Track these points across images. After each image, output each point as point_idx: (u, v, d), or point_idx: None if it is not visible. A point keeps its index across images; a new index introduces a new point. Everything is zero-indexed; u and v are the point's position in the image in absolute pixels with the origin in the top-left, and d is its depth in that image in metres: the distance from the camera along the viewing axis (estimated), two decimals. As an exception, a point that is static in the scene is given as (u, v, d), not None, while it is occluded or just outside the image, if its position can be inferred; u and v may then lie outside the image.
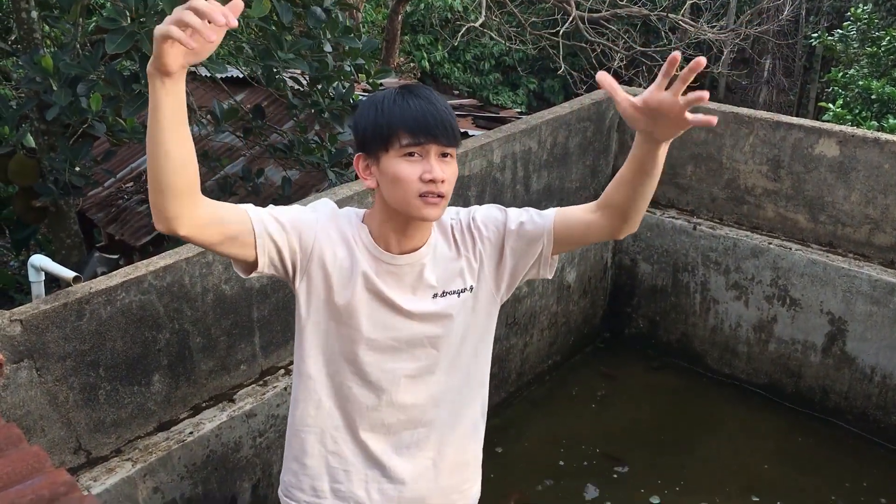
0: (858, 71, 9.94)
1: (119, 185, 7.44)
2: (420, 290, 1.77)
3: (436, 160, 1.61)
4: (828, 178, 3.65)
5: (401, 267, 1.75)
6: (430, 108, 1.61)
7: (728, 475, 3.54)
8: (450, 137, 1.62)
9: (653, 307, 4.26)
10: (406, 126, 1.59)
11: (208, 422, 2.63)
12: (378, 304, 1.75)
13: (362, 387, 1.82)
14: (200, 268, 2.56)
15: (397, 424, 1.85)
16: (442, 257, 1.78)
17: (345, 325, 1.76)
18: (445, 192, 1.63)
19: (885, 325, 3.56)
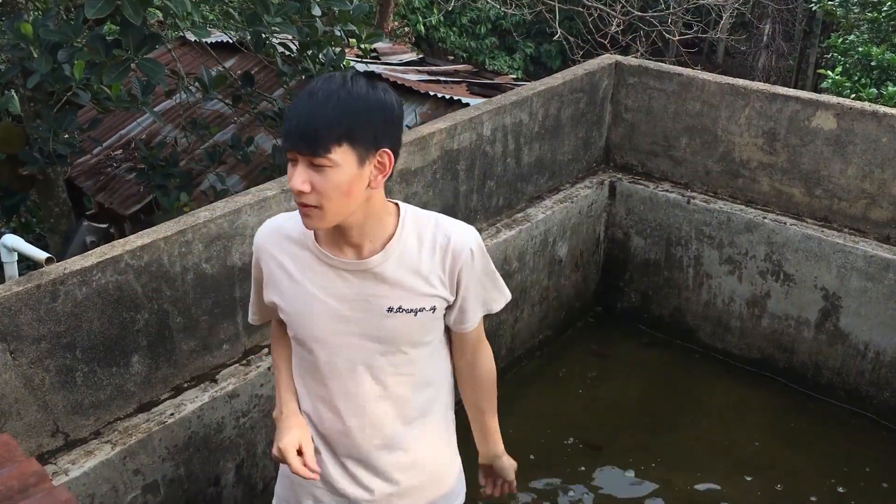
0: (858, 37, 9.80)
1: (107, 153, 7.34)
2: (374, 300, 1.68)
3: (305, 169, 1.49)
4: (824, 152, 3.57)
5: (353, 273, 1.67)
6: (305, 111, 1.47)
7: (718, 452, 3.52)
8: (312, 146, 1.46)
9: (645, 281, 4.21)
10: (285, 130, 1.51)
11: (190, 402, 2.59)
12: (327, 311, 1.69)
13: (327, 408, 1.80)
14: (179, 247, 2.50)
15: (368, 446, 1.81)
16: (407, 268, 1.67)
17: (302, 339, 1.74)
18: (317, 203, 1.51)
19: (879, 302, 3.51)
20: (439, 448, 1.94)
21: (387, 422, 1.79)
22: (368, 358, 1.72)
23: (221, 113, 6.87)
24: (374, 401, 1.77)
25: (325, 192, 1.51)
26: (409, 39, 14.28)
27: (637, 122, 4.06)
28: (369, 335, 1.70)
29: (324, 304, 1.67)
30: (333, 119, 1.46)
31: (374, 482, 1.85)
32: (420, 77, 7.23)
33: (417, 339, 1.73)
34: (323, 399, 1.79)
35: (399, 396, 1.79)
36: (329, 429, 1.81)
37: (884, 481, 3.38)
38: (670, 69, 3.92)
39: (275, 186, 2.76)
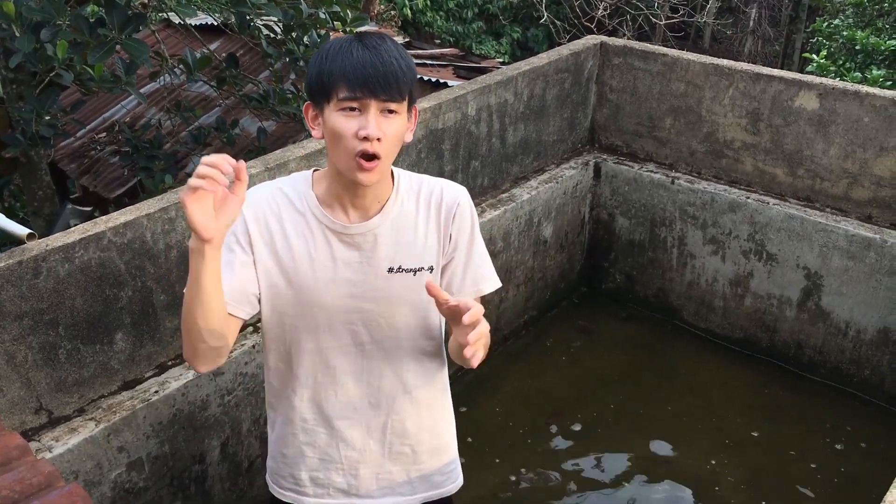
0: (843, 21, 9.83)
1: (91, 136, 7.29)
2: (374, 262, 1.68)
3: (375, 116, 1.51)
4: (807, 132, 3.60)
5: (353, 237, 1.66)
6: (374, 59, 1.49)
7: (702, 427, 3.55)
8: (391, 92, 1.50)
9: (630, 262, 4.23)
10: (345, 77, 1.50)
11: (174, 380, 2.58)
12: (329, 276, 1.67)
13: (322, 373, 1.77)
14: (162, 224, 2.49)
15: (367, 409, 1.81)
16: (405, 228, 1.69)
17: (301, 303, 1.69)
18: (382, 153, 1.53)
19: (860, 280, 3.54)
20: (435, 423, 1.93)
21: (384, 385, 1.80)
22: (370, 320, 1.72)
23: (206, 95, 6.83)
24: (372, 362, 1.77)
25: (393, 139, 1.55)
26: (395, 23, 14.21)
27: (622, 103, 4.06)
28: (371, 297, 1.69)
29: (326, 269, 1.66)
30: (406, 68, 1.53)
31: (369, 443, 1.84)
32: (406, 60, 7.21)
33: (416, 301, 1.73)
34: (318, 364, 1.76)
35: (398, 361, 1.79)
36: (324, 394, 1.79)
37: (865, 456, 3.42)
38: (655, 49, 3.92)
39: (258, 164, 2.75)
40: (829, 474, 3.34)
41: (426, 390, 1.87)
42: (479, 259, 1.79)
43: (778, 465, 3.36)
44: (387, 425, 1.84)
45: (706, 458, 3.39)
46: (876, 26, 9.79)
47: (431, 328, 1.81)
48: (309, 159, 2.85)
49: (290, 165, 2.80)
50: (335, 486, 1.88)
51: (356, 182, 1.56)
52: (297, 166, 2.82)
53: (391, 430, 1.85)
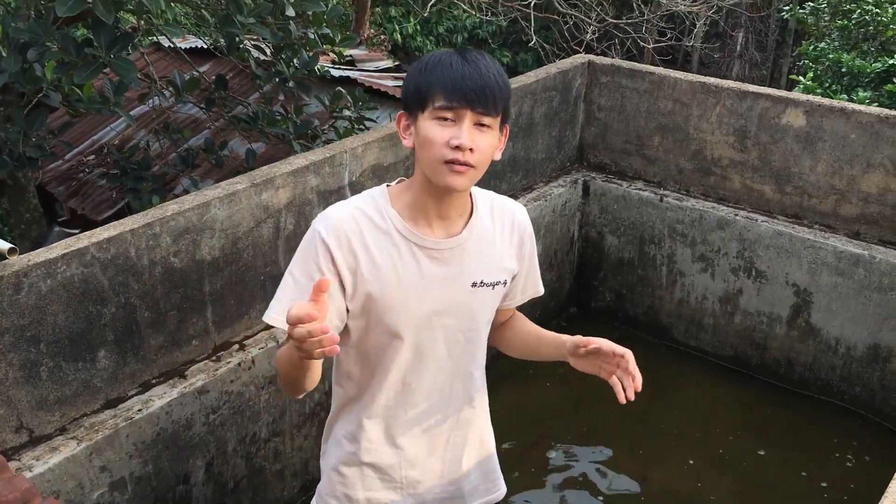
0: (829, 44, 9.93)
1: (80, 159, 7.27)
2: (461, 277, 1.70)
3: (469, 128, 1.54)
4: (794, 149, 3.61)
5: (442, 252, 1.67)
6: (473, 71, 1.53)
7: (693, 445, 3.53)
8: (487, 106, 1.54)
9: (619, 280, 4.22)
10: (444, 87, 1.53)
11: (158, 398, 2.55)
12: (418, 294, 1.67)
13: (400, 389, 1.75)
14: (147, 239, 2.47)
15: (433, 425, 1.81)
16: (485, 243, 1.73)
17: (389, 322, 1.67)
18: (475, 163, 1.56)
19: (849, 297, 3.54)
20: (484, 431, 1.96)
21: (453, 401, 1.81)
22: (450, 336, 1.73)
23: (196, 118, 6.84)
24: (445, 378, 1.77)
25: (485, 152, 1.57)
26: (385, 48, 14.29)
27: (610, 121, 4.07)
28: (454, 312, 1.71)
29: (415, 287, 1.65)
30: (503, 85, 1.57)
31: (430, 461, 1.84)
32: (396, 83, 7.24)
33: (489, 314, 1.79)
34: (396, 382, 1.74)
35: (468, 374, 1.81)
36: (395, 412, 1.77)
37: (857, 473, 3.40)
38: (642, 68, 3.94)
39: (244, 180, 2.74)
40: (821, 491, 3.31)
41: (480, 400, 1.91)
42: (536, 266, 1.90)
43: (769, 483, 3.33)
44: (448, 441, 1.85)
45: (697, 476, 3.36)
46: (861, 49, 9.89)
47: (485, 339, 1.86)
48: (296, 175, 2.84)
49: (277, 181, 2.78)
50: None
51: (447, 187, 1.57)
52: (283, 182, 2.80)
53: (451, 446, 1.86)
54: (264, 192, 2.76)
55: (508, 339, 1.98)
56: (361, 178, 3.10)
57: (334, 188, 3.00)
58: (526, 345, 1.95)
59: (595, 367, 1.74)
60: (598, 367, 1.73)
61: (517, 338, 1.97)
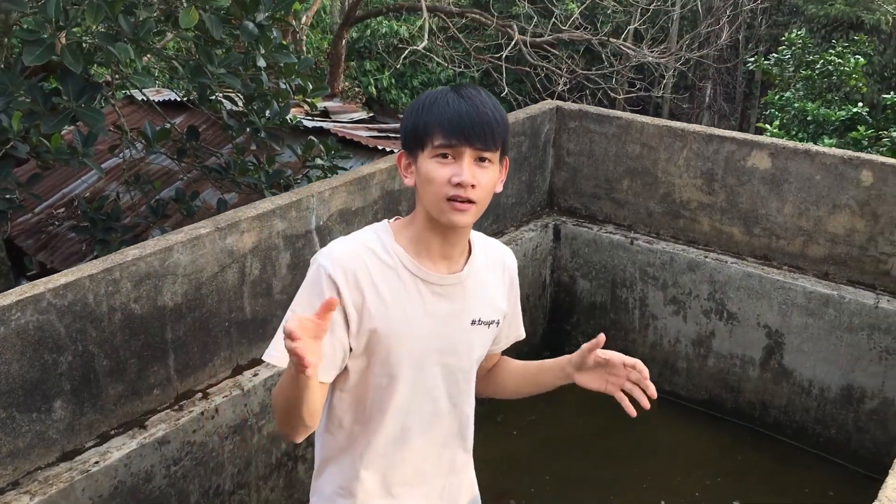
0: (794, 94, 10.15)
1: (49, 212, 7.19)
2: (461, 314, 1.68)
3: (469, 164, 1.54)
4: (761, 191, 3.63)
5: (445, 287, 1.65)
6: (470, 108, 1.54)
7: (668, 493, 3.46)
8: (486, 142, 1.54)
9: (592, 324, 4.19)
10: (441, 126, 1.53)
11: (116, 450, 2.46)
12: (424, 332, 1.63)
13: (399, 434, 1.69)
14: (106, 285, 2.41)
15: (429, 471, 1.75)
16: (482, 281, 1.72)
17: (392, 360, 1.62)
18: (477, 199, 1.55)
19: (820, 337, 3.53)
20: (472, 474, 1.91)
21: (450, 443, 1.77)
22: (449, 375, 1.71)
23: (168, 169, 6.80)
24: (443, 421, 1.73)
25: (486, 188, 1.57)
26: (360, 100, 14.43)
27: (579, 166, 4.10)
28: (453, 350, 1.69)
29: (421, 324, 1.63)
30: (500, 119, 1.58)
31: None
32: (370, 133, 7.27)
33: (483, 353, 1.77)
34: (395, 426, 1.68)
35: (465, 416, 1.78)
36: (392, 459, 1.70)
37: (834, 518, 3.35)
38: (610, 113, 3.98)
39: (208, 224, 2.70)
40: (800, 537, 3.26)
41: (471, 443, 1.86)
42: (519, 311, 1.89)
43: (748, 529, 3.28)
44: (445, 488, 1.80)
45: (675, 523, 3.30)
46: (825, 98, 10.12)
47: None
48: (261, 219, 2.81)
49: (242, 225, 2.75)
50: None
51: (451, 224, 1.56)
52: (248, 226, 2.77)
53: (448, 492, 1.81)
54: (229, 236, 2.72)
55: (501, 381, 1.92)
56: (329, 222, 3.07)
57: (301, 232, 2.97)
58: (524, 378, 1.88)
59: (601, 381, 1.73)
60: (605, 381, 1.72)
61: (511, 376, 1.90)
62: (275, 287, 2.89)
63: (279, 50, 4.52)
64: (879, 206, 3.40)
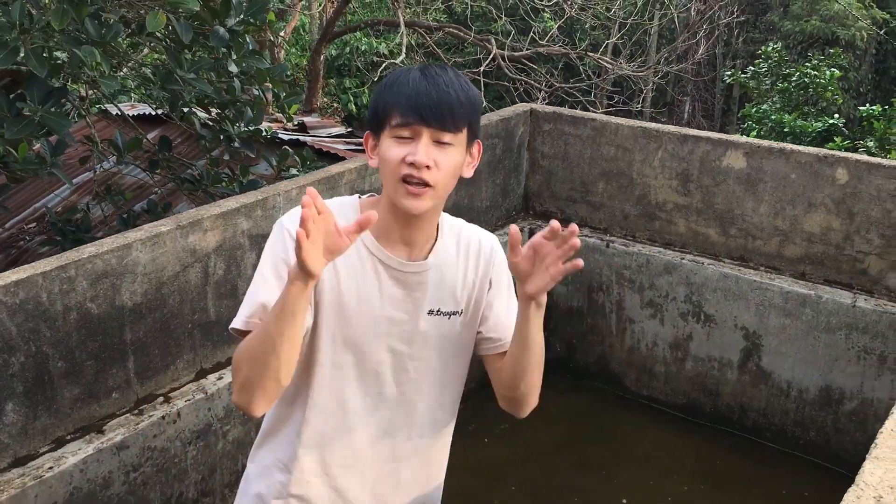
0: (771, 106, 10.23)
1: (21, 226, 7.07)
2: (419, 303, 1.61)
3: (427, 144, 1.47)
4: (736, 191, 3.60)
5: (406, 274, 1.59)
6: (431, 88, 1.47)
7: (647, 497, 3.39)
8: (444, 122, 1.47)
9: (569, 330, 4.13)
10: (399, 105, 1.47)
11: (72, 455, 2.37)
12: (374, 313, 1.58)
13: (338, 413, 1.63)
14: (60, 283, 2.33)
15: (368, 455, 1.68)
16: (448, 270, 1.64)
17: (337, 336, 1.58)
18: (434, 182, 1.48)
19: (798, 338, 3.49)
20: (429, 481, 1.81)
21: (393, 432, 1.68)
22: (398, 362, 1.63)
23: (143, 182, 6.71)
24: (388, 408, 1.66)
25: (446, 171, 1.50)
26: (338, 116, 14.38)
27: (554, 169, 4.05)
28: (406, 338, 1.62)
29: (371, 305, 1.58)
30: (465, 100, 1.50)
31: (362, 495, 1.70)
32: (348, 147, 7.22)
33: (445, 346, 1.66)
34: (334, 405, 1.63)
35: (413, 410, 1.68)
36: (329, 438, 1.65)
37: (815, 522, 3.29)
38: (584, 115, 3.95)
39: (169, 223, 2.62)
40: (781, 541, 3.20)
41: (432, 446, 1.76)
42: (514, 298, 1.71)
43: (728, 534, 3.21)
44: (382, 475, 1.72)
45: (654, 528, 3.23)
46: (802, 111, 10.20)
47: (451, 382, 1.72)
48: (225, 218, 2.73)
49: (205, 224, 2.67)
50: None
51: (406, 210, 1.50)
52: (212, 224, 2.69)
53: (387, 482, 1.73)
54: (191, 234, 2.64)
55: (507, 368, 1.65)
56: (296, 222, 3.00)
57: (267, 232, 2.88)
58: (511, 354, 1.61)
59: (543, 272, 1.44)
60: (546, 270, 1.44)
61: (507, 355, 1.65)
62: (240, 288, 2.81)
63: (251, 55, 4.46)
64: (855, 205, 3.37)
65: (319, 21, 15.34)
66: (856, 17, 14.68)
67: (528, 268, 1.45)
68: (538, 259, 1.45)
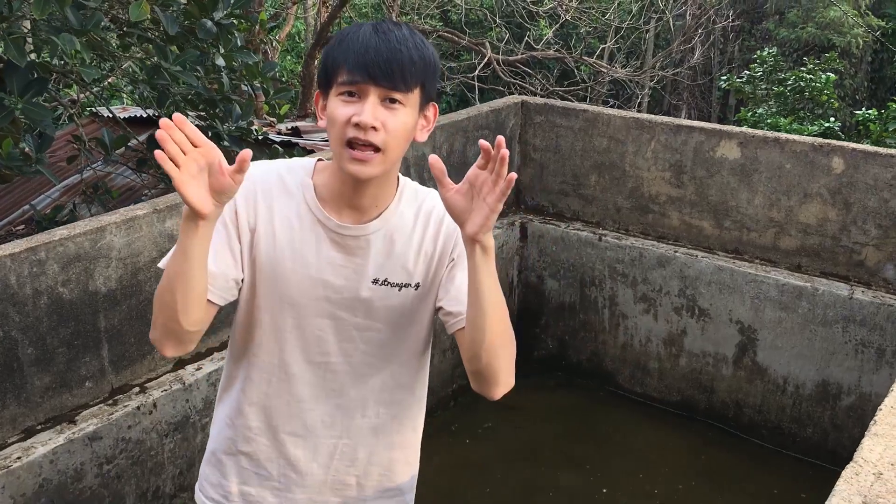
0: (767, 110, 10.18)
1: (9, 228, 7.00)
2: (362, 270, 1.52)
3: (374, 104, 1.37)
4: (731, 182, 3.53)
5: (344, 238, 1.51)
6: (380, 44, 1.38)
7: (641, 495, 3.31)
8: (394, 80, 1.37)
9: (561, 326, 4.05)
10: (347, 62, 1.38)
11: (41, 445, 2.29)
12: (309, 274, 1.51)
13: (279, 377, 1.58)
14: (30, 266, 2.25)
15: (319, 426, 1.61)
16: (401, 239, 1.54)
17: (273, 295, 1.53)
18: (381, 144, 1.38)
19: (794, 332, 3.42)
20: (393, 463, 1.71)
21: (344, 405, 1.60)
22: (342, 330, 1.55)
23: (132, 184, 6.65)
24: (336, 378, 1.58)
25: (395, 133, 1.40)
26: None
27: (546, 162, 3.98)
28: (348, 306, 1.54)
29: (307, 266, 1.52)
30: (416, 59, 1.41)
31: (312, 466, 1.63)
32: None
33: (396, 318, 1.57)
34: (276, 367, 1.58)
35: (363, 383, 1.60)
36: (276, 402, 1.60)
37: (812, 520, 3.20)
38: (576, 106, 3.88)
39: (146, 206, 2.55)
40: (778, 539, 3.11)
41: (390, 424, 1.66)
42: None
43: (723, 532, 3.13)
44: (336, 449, 1.64)
45: (647, 526, 3.14)
46: (798, 115, 10.15)
47: (409, 360, 1.63)
48: (204, 203, 2.66)
49: (182, 208, 2.59)
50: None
51: (351, 175, 1.41)
52: (189, 209, 2.61)
53: (339, 456, 1.65)
54: (168, 219, 2.56)
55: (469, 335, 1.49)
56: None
57: (248, 220, 2.82)
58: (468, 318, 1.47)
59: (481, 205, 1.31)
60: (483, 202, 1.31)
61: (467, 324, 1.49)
62: (220, 276, 2.74)
63: (239, 50, 4.40)
64: (851, 195, 3.30)
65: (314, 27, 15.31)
66: (851, 25, 14.68)
67: (465, 204, 1.33)
68: (476, 193, 1.33)
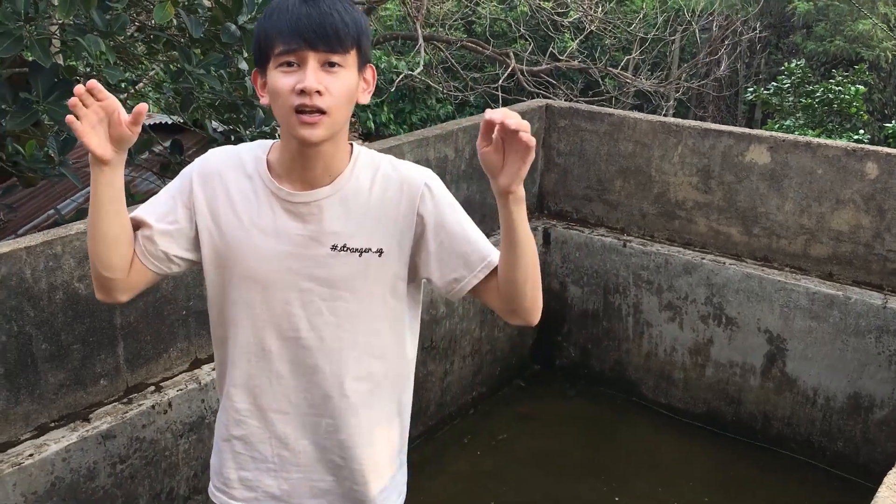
0: (794, 122, 10.05)
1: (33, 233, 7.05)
2: (320, 237, 1.51)
3: (315, 69, 1.40)
4: (760, 188, 3.45)
5: (297, 206, 1.51)
6: (311, 10, 1.40)
7: (664, 510, 3.22)
8: (331, 43, 1.39)
9: (584, 334, 3.98)
10: (280, 32, 1.40)
11: (54, 443, 2.25)
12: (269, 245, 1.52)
13: (255, 355, 1.58)
14: (46, 260, 2.22)
15: (303, 404, 1.60)
16: (357, 205, 1.52)
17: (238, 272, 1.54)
18: (328, 107, 1.40)
19: (825, 342, 3.32)
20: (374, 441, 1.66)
21: (320, 382, 1.58)
22: (308, 302, 1.54)
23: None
24: (310, 354, 1.56)
25: (339, 95, 1.43)
26: (355, 131, 14.37)
27: (570, 167, 3.92)
28: (311, 275, 1.53)
29: (266, 238, 1.53)
30: (350, 21, 1.44)
31: (303, 442, 1.62)
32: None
33: (360, 285, 1.54)
34: (252, 345, 1.58)
35: (337, 357, 1.57)
36: (258, 381, 1.59)
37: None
38: (601, 110, 3.82)
39: (164, 203, 2.51)
40: (808, 555, 3.01)
41: (368, 400, 1.62)
42: (476, 234, 1.57)
43: (750, 547, 3.03)
44: (320, 426, 1.61)
45: (671, 540, 3.05)
46: (826, 127, 10.00)
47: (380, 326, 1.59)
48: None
49: (201, 205, 2.56)
50: (265, 490, 1.65)
51: (302, 140, 1.43)
52: (208, 206, 2.58)
53: (325, 433, 1.62)
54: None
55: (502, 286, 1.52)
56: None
57: (268, 219, 2.78)
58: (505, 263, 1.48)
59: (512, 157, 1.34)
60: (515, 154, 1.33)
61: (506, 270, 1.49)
62: (238, 275, 2.70)
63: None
64: (886, 201, 3.21)
65: (339, 38, 15.32)
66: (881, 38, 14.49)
67: (497, 159, 1.37)
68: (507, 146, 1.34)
